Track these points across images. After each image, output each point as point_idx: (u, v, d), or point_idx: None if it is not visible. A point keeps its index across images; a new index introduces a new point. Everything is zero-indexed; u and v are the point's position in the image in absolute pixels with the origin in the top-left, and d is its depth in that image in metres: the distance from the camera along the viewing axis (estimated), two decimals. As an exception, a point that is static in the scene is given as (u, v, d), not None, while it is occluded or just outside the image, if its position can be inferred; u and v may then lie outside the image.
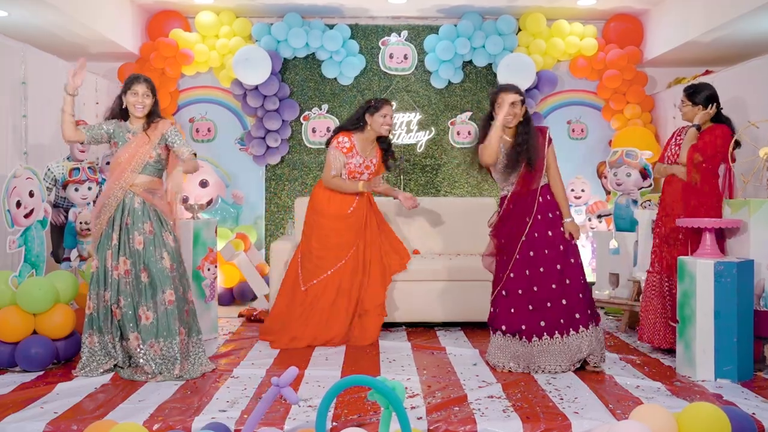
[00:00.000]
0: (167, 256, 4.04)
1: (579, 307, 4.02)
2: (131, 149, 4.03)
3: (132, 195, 4.04)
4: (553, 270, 4.03)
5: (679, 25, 6.18)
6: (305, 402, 3.44)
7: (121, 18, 6.35)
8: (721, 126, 4.39)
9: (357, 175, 4.88)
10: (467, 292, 5.23)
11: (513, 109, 4.02)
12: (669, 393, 3.64)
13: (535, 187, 4.07)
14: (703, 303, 3.91)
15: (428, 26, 6.98)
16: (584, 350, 3.99)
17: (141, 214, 4.03)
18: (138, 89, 4.06)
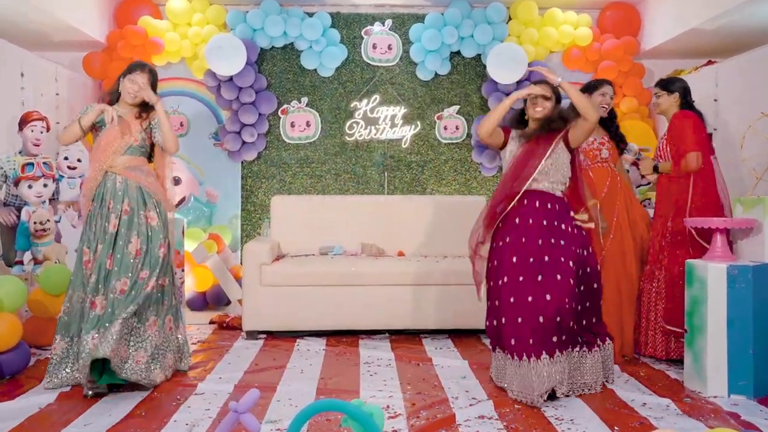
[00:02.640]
0: (135, 240, 3.74)
1: (597, 324, 3.64)
2: (113, 132, 3.81)
3: (114, 176, 3.81)
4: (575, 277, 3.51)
5: (679, 13, 5.83)
6: (273, 425, 3.06)
7: (86, 4, 5.93)
8: (685, 111, 4.14)
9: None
10: (455, 298, 4.87)
11: (544, 102, 3.65)
12: (679, 412, 3.29)
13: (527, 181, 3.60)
14: (715, 311, 3.56)
15: (414, 15, 6.61)
16: (593, 374, 3.56)
17: (120, 194, 3.79)
18: (137, 78, 3.89)
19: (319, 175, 6.62)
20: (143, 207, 3.82)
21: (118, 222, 3.75)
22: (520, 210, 3.62)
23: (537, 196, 3.62)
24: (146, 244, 3.78)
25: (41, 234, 4.68)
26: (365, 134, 6.61)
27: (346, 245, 5.57)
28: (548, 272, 3.44)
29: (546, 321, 3.36)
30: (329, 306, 4.89)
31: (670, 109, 4.22)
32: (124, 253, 3.71)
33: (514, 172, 3.67)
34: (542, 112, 3.65)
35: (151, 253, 3.77)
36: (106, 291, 3.64)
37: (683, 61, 6.51)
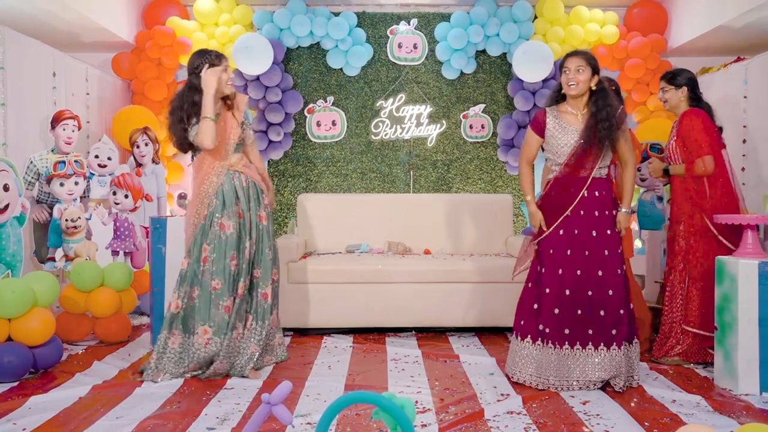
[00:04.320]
0: (252, 241, 3.90)
1: (617, 323, 3.54)
2: (221, 131, 3.85)
3: (238, 174, 3.90)
4: (593, 275, 3.56)
5: (707, 9, 5.78)
6: (303, 419, 3.08)
7: (115, 5, 6.02)
8: (691, 111, 4.03)
9: None
10: (482, 296, 4.87)
11: (576, 75, 3.60)
12: (710, 409, 3.26)
13: (585, 175, 3.60)
14: (746, 308, 3.53)
15: (439, 13, 6.62)
16: (610, 371, 3.51)
17: (248, 193, 3.92)
18: (222, 68, 3.84)
19: (345, 174, 6.65)
20: (258, 207, 3.95)
21: (248, 219, 3.87)
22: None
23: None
24: (258, 244, 3.93)
25: (72, 231, 4.75)
26: (391, 133, 6.63)
27: (372, 243, 5.59)
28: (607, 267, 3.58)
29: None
30: (356, 303, 4.91)
31: (680, 105, 4.11)
32: (247, 256, 3.85)
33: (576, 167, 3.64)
34: (577, 88, 3.61)
35: (263, 252, 3.93)
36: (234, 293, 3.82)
37: (711, 58, 6.46)
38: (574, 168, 3.61)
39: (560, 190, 3.65)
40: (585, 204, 3.61)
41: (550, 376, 3.57)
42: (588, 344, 3.54)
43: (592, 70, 3.61)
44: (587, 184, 3.60)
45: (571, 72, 3.61)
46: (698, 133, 3.94)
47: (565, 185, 3.64)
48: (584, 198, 3.61)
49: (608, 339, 3.53)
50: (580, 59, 3.62)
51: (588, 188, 3.61)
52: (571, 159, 3.61)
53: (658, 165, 4.23)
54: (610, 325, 3.54)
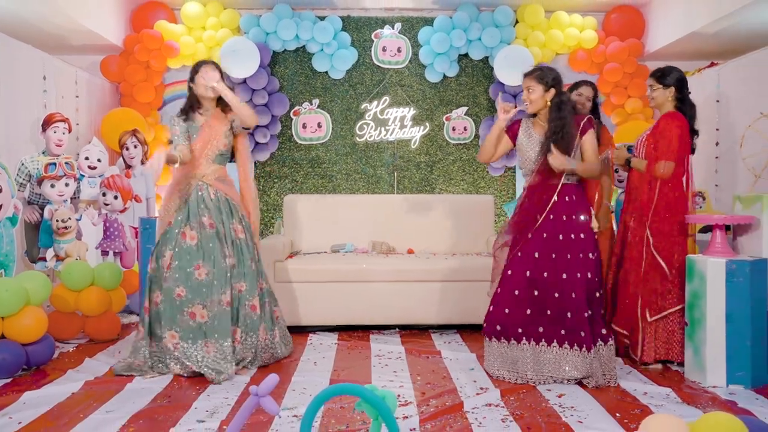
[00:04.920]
0: (230, 254, 3.93)
1: (585, 326, 3.66)
2: (205, 135, 3.96)
3: (206, 186, 3.97)
4: (558, 278, 3.71)
5: (682, 16, 5.96)
6: (289, 411, 3.20)
7: (104, 9, 6.11)
8: (674, 115, 4.09)
9: None
10: (463, 293, 5.01)
11: (528, 94, 3.80)
12: (679, 400, 3.42)
13: (555, 183, 3.76)
14: (714, 304, 3.69)
15: (422, 18, 6.76)
16: (581, 371, 3.64)
17: (217, 205, 3.97)
18: (208, 73, 3.97)
19: (330, 175, 6.77)
20: (231, 219, 3.99)
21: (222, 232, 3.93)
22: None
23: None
24: (237, 257, 3.96)
25: (63, 231, 4.84)
26: (375, 135, 6.77)
27: (356, 243, 5.72)
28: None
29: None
30: (341, 302, 5.03)
31: (665, 105, 4.16)
32: (224, 266, 3.89)
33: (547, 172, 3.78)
34: (532, 106, 3.81)
35: (244, 265, 3.96)
36: (211, 303, 3.86)
37: (686, 62, 6.63)
38: (545, 176, 3.77)
39: (534, 196, 3.81)
40: (555, 208, 3.76)
41: (528, 371, 3.71)
42: (564, 343, 3.68)
43: (544, 87, 3.76)
44: (558, 189, 3.75)
45: (524, 92, 3.82)
46: (673, 137, 4.01)
47: (539, 192, 3.79)
48: (555, 203, 3.76)
49: (579, 340, 3.65)
50: (529, 79, 3.82)
51: (559, 194, 3.76)
52: (541, 167, 3.77)
53: (623, 154, 4.28)
54: (578, 328, 3.66)
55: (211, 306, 3.86)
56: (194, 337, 3.85)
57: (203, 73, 3.98)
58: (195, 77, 4.01)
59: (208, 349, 3.84)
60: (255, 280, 4.01)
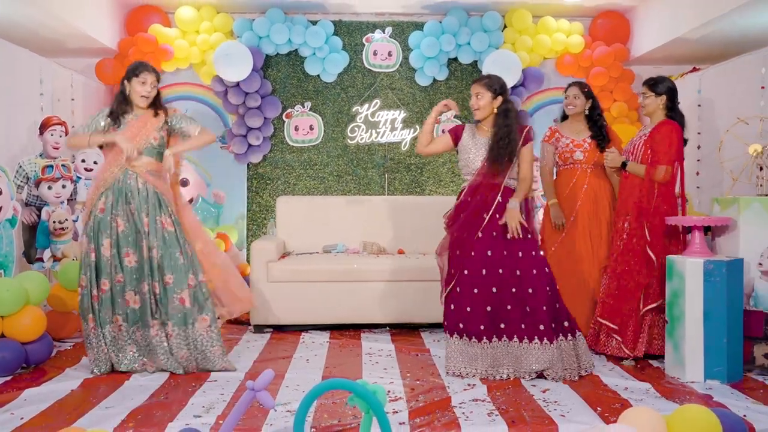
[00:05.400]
0: (156, 244, 3.95)
1: (543, 319, 3.80)
2: (134, 128, 3.98)
3: (135, 176, 3.97)
4: (512, 274, 3.86)
5: (665, 22, 6.11)
6: (283, 406, 3.32)
7: (98, 13, 6.19)
8: (671, 122, 4.26)
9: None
10: (452, 293, 5.12)
11: (476, 100, 3.96)
12: (658, 395, 3.56)
13: (498, 182, 3.93)
14: (692, 303, 3.83)
15: (413, 22, 6.88)
16: (542, 363, 3.77)
17: (144, 195, 3.97)
18: (147, 78, 4.01)
19: (322, 177, 6.88)
20: (159, 212, 4.00)
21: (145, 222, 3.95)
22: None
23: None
24: (164, 249, 3.97)
25: (60, 232, 4.94)
26: (366, 137, 6.88)
27: (348, 243, 5.83)
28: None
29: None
30: (333, 301, 5.15)
31: (657, 112, 4.31)
32: (148, 256, 3.94)
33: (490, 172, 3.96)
34: (480, 112, 3.98)
35: (172, 257, 3.97)
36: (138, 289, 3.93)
37: (670, 67, 6.79)
38: (487, 176, 3.94)
39: (477, 195, 3.96)
40: (500, 210, 3.92)
41: (488, 367, 3.84)
42: (524, 338, 3.82)
43: (492, 95, 3.93)
44: (501, 190, 3.92)
45: (472, 98, 3.98)
46: (673, 144, 4.17)
47: (482, 191, 3.95)
48: (500, 203, 3.92)
49: (539, 333, 3.79)
50: (478, 86, 3.98)
51: (502, 194, 3.92)
52: (483, 169, 3.94)
53: (618, 158, 4.40)
54: (538, 321, 3.80)
55: (140, 294, 3.95)
56: (129, 323, 3.95)
57: (142, 79, 3.99)
58: (132, 80, 4.00)
59: (137, 336, 3.96)
60: (184, 273, 3.97)
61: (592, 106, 4.69)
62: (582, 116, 4.68)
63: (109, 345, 3.95)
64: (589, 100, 4.68)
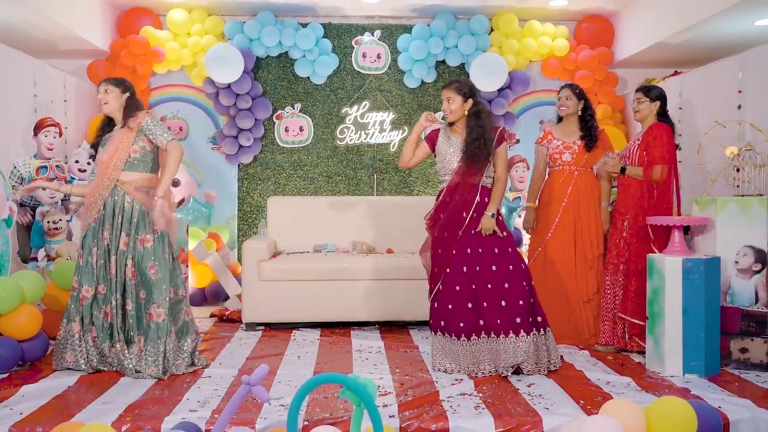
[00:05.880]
0: (131, 263, 3.98)
1: (519, 312, 3.94)
2: (112, 146, 4.03)
3: (122, 193, 4.02)
4: (488, 271, 3.99)
5: (648, 26, 6.26)
6: (277, 401, 3.42)
7: (91, 15, 6.26)
8: (662, 124, 4.47)
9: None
10: (440, 291, 5.23)
11: (448, 105, 4.07)
12: (638, 388, 3.69)
13: (476, 182, 4.04)
14: (671, 300, 3.97)
15: (401, 25, 6.99)
16: (519, 356, 3.89)
17: (129, 215, 4.02)
18: (99, 89, 4.14)
19: (312, 177, 6.98)
20: (139, 232, 4.01)
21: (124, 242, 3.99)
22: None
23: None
24: (137, 266, 3.99)
25: (54, 232, 5.01)
26: (355, 138, 6.98)
27: (338, 243, 5.92)
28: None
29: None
30: (323, 299, 5.24)
31: (649, 117, 4.53)
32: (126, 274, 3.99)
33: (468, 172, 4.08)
34: (452, 116, 4.10)
35: (144, 274, 3.99)
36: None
37: (653, 70, 6.95)
38: (464, 177, 4.06)
39: (456, 195, 4.08)
40: (479, 209, 4.05)
41: (469, 363, 3.97)
42: (500, 333, 3.93)
43: (462, 98, 4.05)
44: (479, 190, 4.05)
45: (444, 103, 4.10)
46: (665, 144, 4.38)
47: (460, 191, 4.07)
48: (479, 203, 4.04)
49: (515, 327, 3.92)
50: (448, 90, 4.09)
51: (480, 194, 4.05)
52: (460, 169, 4.06)
53: (618, 163, 4.55)
54: (515, 314, 3.93)
55: (110, 308, 4.00)
56: (103, 337, 3.99)
57: (98, 90, 4.13)
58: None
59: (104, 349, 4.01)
60: (158, 288, 3.98)
61: (585, 107, 4.81)
62: (575, 117, 4.80)
63: (90, 348, 4.01)
64: (581, 101, 4.79)
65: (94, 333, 4.00)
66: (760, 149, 4.29)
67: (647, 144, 4.44)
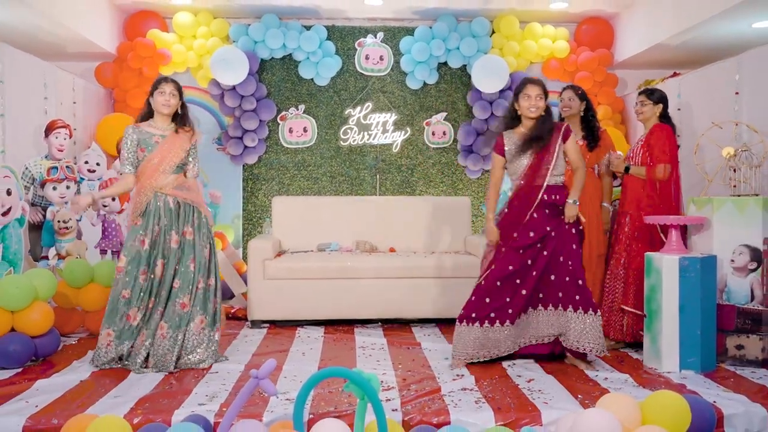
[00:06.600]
0: (194, 264, 4.12)
1: (564, 289, 4.05)
2: (162, 151, 4.13)
3: (164, 197, 4.12)
4: (540, 257, 4.07)
5: (647, 28, 6.34)
6: (283, 395, 3.51)
7: (98, 18, 6.36)
8: (664, 125, 4.59)
9: None
10: (442, 289, 5.33)
11: (537, 102, 4.09)
12: (635, 384, 3.78)
13: (539, 184, 4.09)
14: (668, 297, 4.05)
15: (404, 28, 7.07)
16: (556, 328, 4.06)
17: (178, 215, 4.14)
18: (165, 88, 4.18)
19: (316, 178, 7.07)
20: (185, 224, 4.17)
21: (179, 239, 4.13)
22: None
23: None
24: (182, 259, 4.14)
25: (64, 231, 5.12)
26: (358, 139, 7.07)
27: (341, 242, 6.01)
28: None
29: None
30: (327, 297, 5.33)
31: (651, 119, 4.64)
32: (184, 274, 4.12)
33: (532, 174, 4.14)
34: (536, 112, 4.12)
35: (184, 264, 4.14)
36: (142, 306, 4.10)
37: (652, 71, 7.03)
38: (530, 177, 4.11)
39: (521, 195, 4.14)
40: (540, 207, 4.10)
41: (501, 347, 4.11)
42: (540, 305, 4.09)
43: (545, 98, 4.14)
44: (543, 189, 4.09)
45: (532, 99, 4.10)
46: (668, 144, 4.50)
47: (525, 191, 4.13)
48: (540, 202, 4.09)
49: (564, 301, 4.05)
50: (539, 88, 4.12)
51: (544, 193, 4.09)
52: (528, 171, 4.12)
53: (622, 163, 4.70)
54: (568, 290, 4.04)
55: (143, 309, 4.11)
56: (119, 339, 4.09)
57: (162, 89, 4.17)
58: (154, 93, 4.19)
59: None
60: (193, 278, 4.13)
61: (587, 108, 4.88)
62: (577, 118, 4.86)
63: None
64: (584, 102, 4.86)
65: (110, 336, 4.09)
66: (756, 150, 4.38)
67: (650, 144, 4.56)
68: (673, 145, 4.55)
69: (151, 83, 4.26)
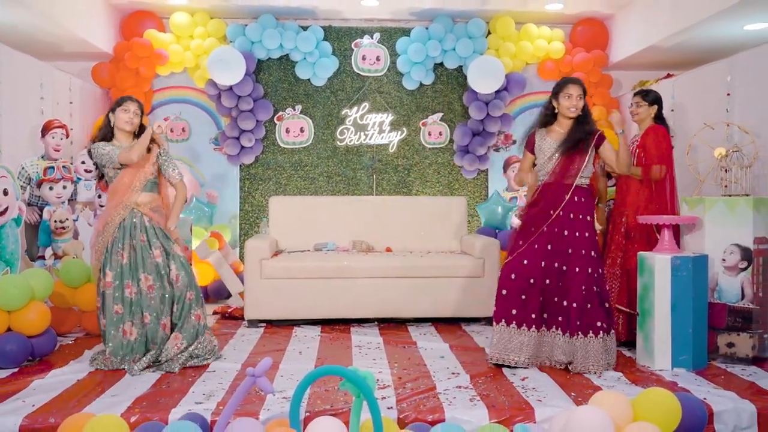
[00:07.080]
0: (175, 267, 4.17)
1: (580, 315, 3.99)
2: (131, 171, 4.14)
3: (140, 215, 4.15)
4: (559, 270, 4.06)
5: (642, 30, 6.38)
6: (280, 393, 3.54)
7: (95, 18, 6.38)
8: (659, 126, 4.64)
9: None
10: (438, 289, 5.36)
11: (578, 102, 4.10)
12: (628, 382, 3.82)
13: (569, 182, 4.09)
14: (661, 296, 4.09)
15: (400, 28, 7.11)
16: (567, 356, 4.01)
17: (155, 233, 4.18)
18: (130, 107, 4.20)
19: (313, 178, 7.11)
20: (168, 243, 4.20)
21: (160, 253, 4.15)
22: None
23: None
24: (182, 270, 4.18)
25: (61, 231, 5.14)
26: (355, 139, 7.11)
27: (338, 242, 6.03)
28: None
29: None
30: (323, 297, 5.35)
31: (646, 120, 4.70)
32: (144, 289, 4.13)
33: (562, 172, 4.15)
34: (576, 112, 4.13)
35: (189, 275, 4.21)
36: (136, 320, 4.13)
37: (646, 72, 7.07)
38: (559, 176, 4.13)
39: (548, 193, 4.14)
40: (567, 207, 4.11)
41: (531, 355, 4.07)
42: (558, 329, 4.07)
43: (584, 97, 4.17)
44: (571, 189, 4.10)
45: (573, 98, 4.11)
46: (663, 145, 4.55)
47: (553, 190, 4.13)
48: (567, 202, 4.10)
49: (572, 328, 4.01)
50: (581, 88, 4.14)
51: (571, 193, 4.10)
52: (557, 168, 4.13)
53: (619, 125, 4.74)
54: (575, 316, 4.00)
55: (140, 326, 4.13)
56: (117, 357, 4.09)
57: (126, 107, 4.17)
58: (117, 110, 4.18)
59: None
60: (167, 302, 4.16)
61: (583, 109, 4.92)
62: None
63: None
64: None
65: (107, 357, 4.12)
66: (747, 150, 4.42)
67: (645, 146, 4.60)
68: (668, 146, 4.60)
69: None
